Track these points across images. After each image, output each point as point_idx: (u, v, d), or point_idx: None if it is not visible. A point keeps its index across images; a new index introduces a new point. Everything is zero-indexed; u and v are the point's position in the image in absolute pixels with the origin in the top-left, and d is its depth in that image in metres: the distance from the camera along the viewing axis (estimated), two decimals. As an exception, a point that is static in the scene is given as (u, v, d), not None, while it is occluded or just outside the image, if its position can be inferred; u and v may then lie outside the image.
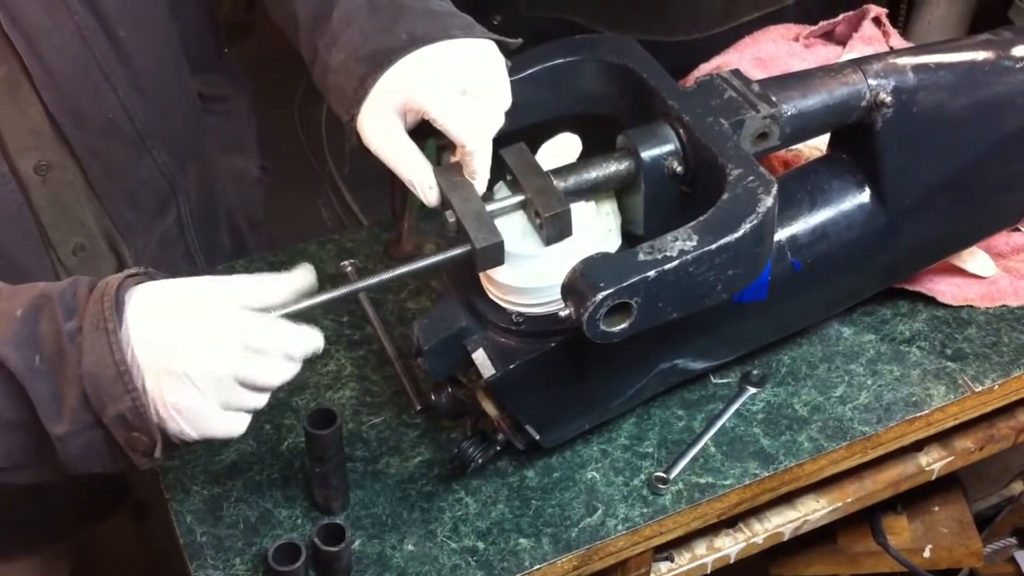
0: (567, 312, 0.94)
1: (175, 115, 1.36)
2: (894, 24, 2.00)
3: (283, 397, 1.25)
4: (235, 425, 0.95)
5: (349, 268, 1.40)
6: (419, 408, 1.25)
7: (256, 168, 1.61)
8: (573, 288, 0.93)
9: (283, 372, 0.95)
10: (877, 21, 1.58)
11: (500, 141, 1.06)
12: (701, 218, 0.96)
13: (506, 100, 1.07)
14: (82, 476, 0.96)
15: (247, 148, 1.61)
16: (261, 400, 0.95)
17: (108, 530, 1.72)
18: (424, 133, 1.08)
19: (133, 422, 0.90)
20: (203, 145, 1.47)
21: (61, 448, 0.92)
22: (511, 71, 1.09)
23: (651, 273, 0.92)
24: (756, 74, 1.49)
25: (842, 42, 1.59)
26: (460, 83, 1.03)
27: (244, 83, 1.57)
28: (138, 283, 0.94)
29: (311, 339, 0.96)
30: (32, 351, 0.90)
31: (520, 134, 1.09)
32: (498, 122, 1.05)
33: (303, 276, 0.98)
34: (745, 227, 0.95)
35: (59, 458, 0.93)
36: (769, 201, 0.96)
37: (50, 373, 0.90)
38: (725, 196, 0.98)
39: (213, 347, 0.90)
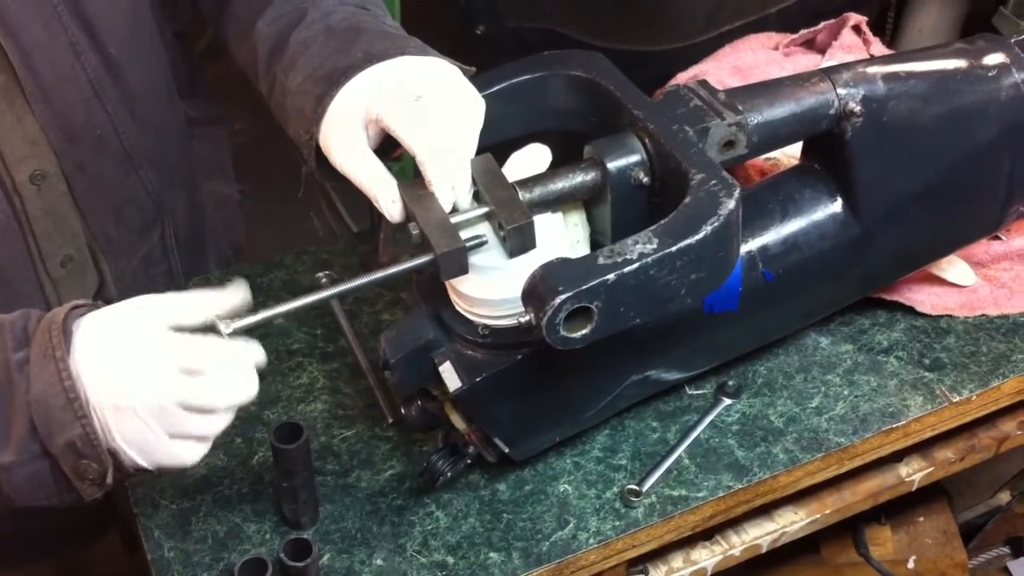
0: (527, 318, 0.93)
1: (164, 135, 1.37)
2: (882, 32, 2.00)
3: (254, 410, 1.25)
4: (187, 453, 0.94)
5: (324, 279, 1.40)
6: (391, 421, 1.24)
7: (236, 192, 1.62)
8: (533, 293, 0.92)
9: (228, 391, 0.93)
10: (857, 29, 1.57)
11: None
12: (662, 221, 0.95)
13: (474, 110, 1.04)
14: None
15: (227, 173, 1.62)
16: (212, 425, 0.94)
17: (94, 550, 1.71)
18: (394, 148, 1.08)
19: (83, 449, 0.90)
20: (192, 168, 1.48)
21: (6, 479, 0.91)
22: (478, 88, 1.08)
23: (611, 276, 0.91)
24: (734, 83, 1.48)
25: (822, 50, 1.58)
26: (414, 91, 1.03)
27: (220, 110, 1.58)
28: (83, 314, 0.93)
29: (247, 352, 0.94)
30: None
31: (490, 151, 1.08)
32: (457, 130, 1.02)
33: (236, 292, 0.96)
34: (706, 229, 0.94)
35: (3, 489, 0.92)
36: (731, 204, 0.95)
37: None
38: (687, 200, 0.97)
39: (149, 375, 0.89)
